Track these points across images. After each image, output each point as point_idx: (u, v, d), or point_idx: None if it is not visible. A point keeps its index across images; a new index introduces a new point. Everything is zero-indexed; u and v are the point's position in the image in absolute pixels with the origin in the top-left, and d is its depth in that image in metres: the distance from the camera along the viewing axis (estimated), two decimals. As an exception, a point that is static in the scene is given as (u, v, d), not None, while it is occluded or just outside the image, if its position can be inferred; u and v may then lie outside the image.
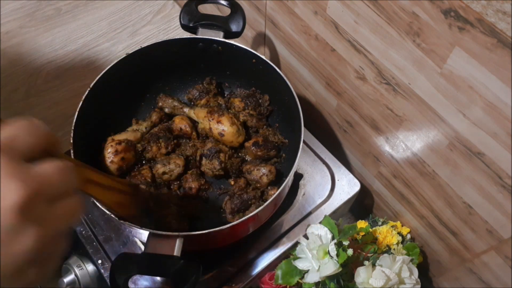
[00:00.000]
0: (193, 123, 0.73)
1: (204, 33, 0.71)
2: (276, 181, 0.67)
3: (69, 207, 0.31)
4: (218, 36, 0.70)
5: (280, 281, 0.64)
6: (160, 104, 0.75)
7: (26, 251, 0.28)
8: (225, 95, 0.79)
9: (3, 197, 0.27)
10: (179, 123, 0.71)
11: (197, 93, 0.75)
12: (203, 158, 0.67)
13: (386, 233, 0.69)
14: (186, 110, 0.73)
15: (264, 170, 0.66)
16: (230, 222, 0.56)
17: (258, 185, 0.67)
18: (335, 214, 0.73)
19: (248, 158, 0.71)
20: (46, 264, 0.31)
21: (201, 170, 0.69)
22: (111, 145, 0.65)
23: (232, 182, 0.69)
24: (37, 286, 0.32)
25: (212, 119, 0.68)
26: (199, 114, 0.71)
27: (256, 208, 0.58)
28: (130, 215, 0.54)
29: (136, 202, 0.57)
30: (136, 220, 0.55)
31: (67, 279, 0.69)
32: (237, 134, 0.68)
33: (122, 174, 0.66)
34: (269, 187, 0.67)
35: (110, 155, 0.64)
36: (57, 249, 0.32)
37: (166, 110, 0.74)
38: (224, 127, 0.68)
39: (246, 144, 0.70)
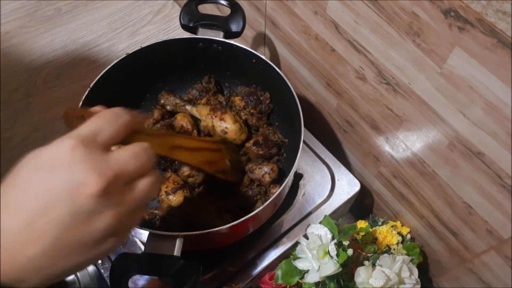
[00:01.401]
0: (195, 121, 0.72)
1: (204, 33, 0.71)
2: (279, 180, 0.68)
3: (145, 185, 0.36)
4: (218, 36, 0.70)
5: (280, 281, 0.64)
6: (162, 101, 0.75)
7: (105, 228, 0.33)
8: (225, 94, 0.79)
9: (83, 187, 0.31)
10: (181, 121, 0.71)
11: (197, 93, 0.75)
12: None
13: (386, 233, 0.69)
14: (188, 107, 0.73)
15: (266, 168, 0.66)
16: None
17: (261, 183, 0.67)
18: (335, 214, 0.73)
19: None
20: (123, 234, 0.36)
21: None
22: None
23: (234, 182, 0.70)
24: (112, 252, 0.37)
25: (215, 117, 0.68)
26: (201, 111, 0.71)
27: (262, 203, 0.58)
28: (220, 170, 0.58)
29: (223, 156, 0.60)
30: (228, 174, 0.60)
31: (67, 279, 0.69)
32: (240, 132, 0.68)
33: None
34: (271, 186, 0.67)
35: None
36: (134, 221, 0.37)
37: (168, 107, 0.74)
38: (227, 125, 0.68)
39: (247, 144, 0.70)
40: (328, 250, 0.60)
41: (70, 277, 0.69)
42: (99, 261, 0.67)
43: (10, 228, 0.31)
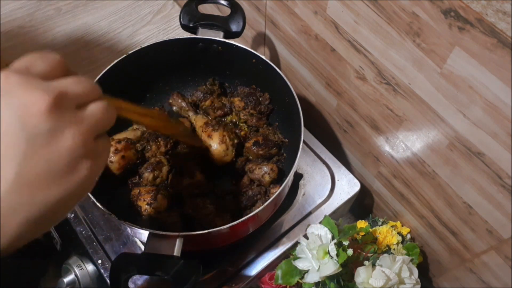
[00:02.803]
0: (193, 128, 0.73)
1: (204, 33, 0.71)
2: (279, 180, 0.68)
3: (97, 107, 0.34)
4: (218, 36, 0.70)
5: (280, 281, 0.64)
6: (170, 101, 0.76)
7: (70, 146, 0.31)
8: (227, 95, 0.80)
9: (30, 106, 0.29)
10: None
11: (201, 95, 0.75)
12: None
13: (386, 233, 0.69)
14: (190, 114, 0.74)
15: (266, 168, 0.66)
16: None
17: (261, 183, 0.67)
18: (335, 214, 0.73)
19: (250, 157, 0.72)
20: (97, 158, 0.34)
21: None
22: (111, 144, 0.65)
23: (233, 180, 0.70)
24: (93, 182, 0.35)
25: (205, 132, 0.68)
26: (198, 122, 0.71)
27: (263, 203, 0.58)
28: (177, 134, 0.61)
29: (174, 125, 0.62)
30: (187, 138, 0.66)
31: (67, 279, 0.69)
32: (223, 154, 0.67)
33: (125, 174, 0.66)
34: (271, 185, 0.67)
35: (110, 154, 0.64)
36: (102, 145, 0.35)
37: (174, 108, 0.75)
38: (212, 143, 0.67)
39: (247, 144, 0.70)
40: (328, 250, 0.60)
41: (70, 277, 0.69)
42: (99, 261, 0.67)
43: None
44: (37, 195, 0.30)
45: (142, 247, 0.66)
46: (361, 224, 0.73)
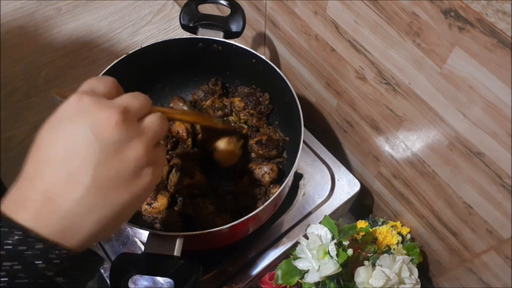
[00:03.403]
0: (194, 131, 0.72)
1: (204, 33, 0.71)
2: (278, 180, 0.68)
3: (154, 119, 0.39)
4: (218, 36, 0.70)
5: (280, 281, 0.64)
6: (171, 104, 0.75)
7: (136, 156, 0.35)
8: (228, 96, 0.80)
9: (103, 121, 0.34)
10: (178, 127, 0.71)
11: (203, 94, 0.75)
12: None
13: (386, 233, 0.69)
14: None
15: (266, 168, 0.66)
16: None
17: (261, 183, 0.67)
18: (335, 214, 0.73)
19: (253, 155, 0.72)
20: (156, 165, 0.38)
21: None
22: None
23: (233, 180, 0.69)
24: (154, 186, 0.39)
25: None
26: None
27: (263, 203, 0.58)
28: (214, 124, 0.65)
29: (215, 122, 0.67)
30: (224, 124, 0.69)
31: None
32: (228, 156, 0.67)
33: None
34: (271, 186, 0.67)
35: None
36: (159, 153, 0.39)
37: None
38: (219, 144, 0.67)
39: (250, 141, 0.70)
40: (328, 250, 0.60)
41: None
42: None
43: (51, 182, 0.33)
44: (109, 197, 0.34)
45: (142, 247, 0.66)
46: (361, 224, 0.73)
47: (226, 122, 0.74)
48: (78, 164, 0.33)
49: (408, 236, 0.73)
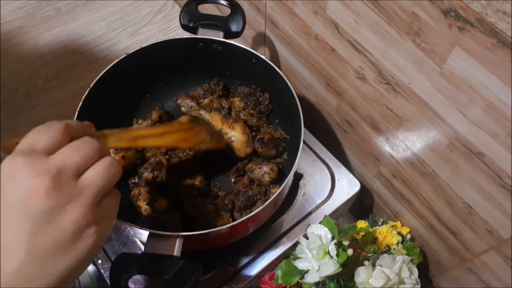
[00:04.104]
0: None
1: (204, 33, 0.71)
2: (278, 180, 0.68)
3: (97, 171, 0.36)
4: (218, 36, 0.70)
5: (280, 281, 0.64)
6: (179, 101, 0.75)
7: (74, 220, 0.34)
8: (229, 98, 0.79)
9: (31, 190, 0.32)
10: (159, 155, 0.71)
11: (202, 92, 0.75)
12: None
13: (386, 233, 0.69)
14: (202, 112, 0.73)
15: (266, 168, 0.66)
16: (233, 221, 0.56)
17: (261, 183, 0.67)
18: (335, 214, 0.73)
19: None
20: (102, 223, 0.36)
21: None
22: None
23: (233, 180, 0.70)
24: (102, 243, 0.37)
25: (226, 124, 0.69)
26: (213, 117, 0.71)
27: (263, 203, 0.58)
28: (199, 142, 0.59)
29: (197, 131, 0.61)
30: (210, 143, 0.61)
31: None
32: (246, 144, 0.68)
33: (125, 174, 0.66)
34: (271, 186, 0.67)
35: (110, 154, 0.64)
36: (108, 207, 0.37)
37: (183, 109, 0.74)
38: (235, 133, 0.68)
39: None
40: (328, 250, 0.60)
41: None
42: (99, 261, 0.67)
43: None
44: (47, 267, 0.33)
45: (142, 247, 0.66)
46: (361, 224, 0.73)
47: (218, 137, 0.69)
48: (12, 236, 0.32)
49: (408, 236, 0.73)
